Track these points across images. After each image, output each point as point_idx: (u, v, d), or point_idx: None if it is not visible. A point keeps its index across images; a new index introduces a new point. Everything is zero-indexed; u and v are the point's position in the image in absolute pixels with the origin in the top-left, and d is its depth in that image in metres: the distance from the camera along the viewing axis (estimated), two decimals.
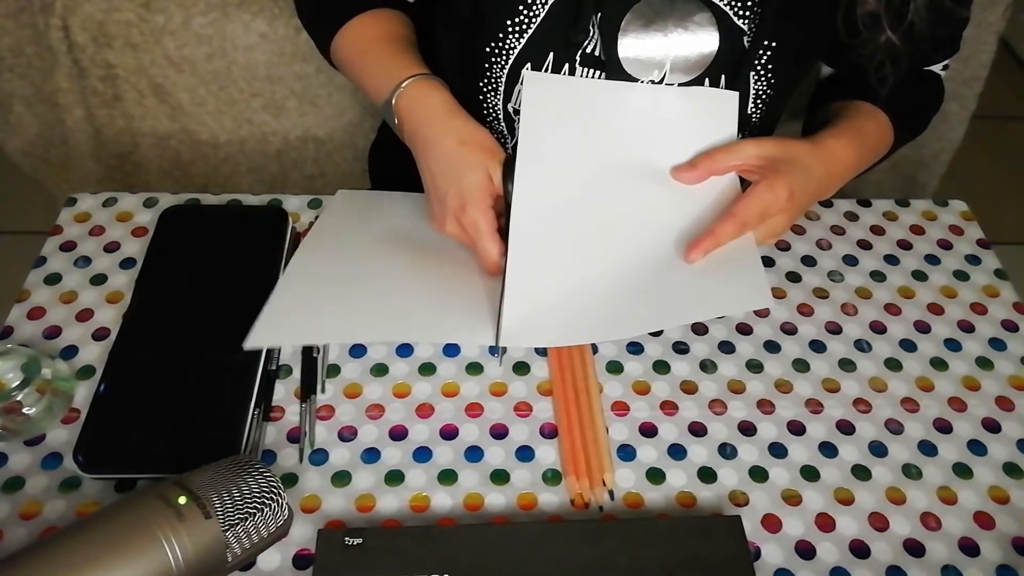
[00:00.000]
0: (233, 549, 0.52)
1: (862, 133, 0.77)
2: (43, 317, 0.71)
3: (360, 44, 0.80)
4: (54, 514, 0.59)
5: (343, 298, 0.69)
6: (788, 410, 0.67)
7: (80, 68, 1.20)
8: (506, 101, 0.78)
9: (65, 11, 1.15)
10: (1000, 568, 0.59)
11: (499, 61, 0.75)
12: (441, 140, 0.71)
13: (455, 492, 0.62)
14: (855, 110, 0.79)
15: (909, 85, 0.79)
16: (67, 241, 0.77)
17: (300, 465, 0.63)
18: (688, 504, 0.62)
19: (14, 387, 0.61)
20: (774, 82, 0.76)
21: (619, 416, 0.67)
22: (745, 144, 0.72)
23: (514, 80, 0.76)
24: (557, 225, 0.70)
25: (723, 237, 0.68)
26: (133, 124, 1.26)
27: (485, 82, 0.77)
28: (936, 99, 0.87)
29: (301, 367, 0.68)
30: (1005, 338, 0.73)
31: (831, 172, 0.74)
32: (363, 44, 0.80)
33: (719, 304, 0.68)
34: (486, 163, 0.69)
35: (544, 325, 0.66)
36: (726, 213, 0.69)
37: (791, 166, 0.70)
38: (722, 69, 0.75)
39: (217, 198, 0.82)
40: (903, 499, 0.62)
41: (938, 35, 0.75)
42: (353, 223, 0.77)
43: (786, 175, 0.69)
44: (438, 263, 0.73)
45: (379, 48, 0.78)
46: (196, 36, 1.17)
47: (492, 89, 0.77)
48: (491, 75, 0.76)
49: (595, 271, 0.69)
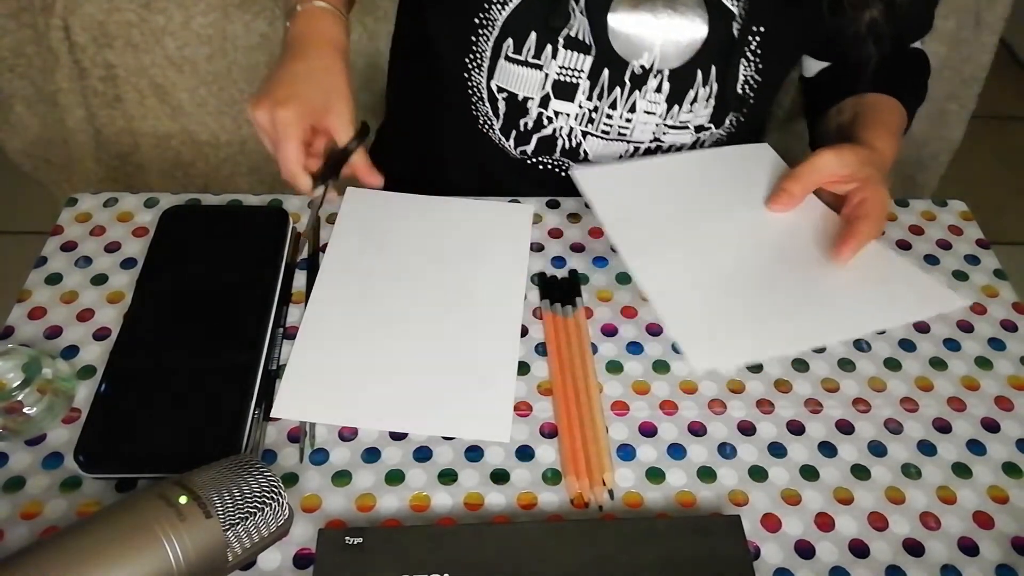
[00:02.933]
0: (234, 548, 0.52)
1: (889, 125, 0.80)
2: (44, 317, 0.71)
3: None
4: (55, 514, 0.59)
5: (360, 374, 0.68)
6: (787, 410, 0.68)
7: (81, 68, 1.20)
8: (489, 78, 0.78)
9: (66, 11, 1.15)
10: (999, 567, 0.59)
11: (484, 33, 0.76)
12: (321, 56, 0.72)
13: (455, 492, 0.62)
14: (868, 105, 0.81)
15: (900, 63, 0.84)
16: (68, 241, 0.77)
17: (300, 465, 0.63)
18: (688, 504, 0.62)
19: (15, 387, 0.61)
20: (763, 68, 0.77)
21: (619, 416, 0.67)
22: (824, 155, 0.72)
23: (497, 55, 0.77)
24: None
25: (865, 237, 0.70)
26: (134, 124, 1.27)
27: (471, 58, 0.78)
28: (927, 66, 0.90)
29: None
30: (1004, 338, 0.73)
31: (884, 172, 0.76)
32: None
33: (907, 310, 0.70)
34: (337, 102, 0.71)
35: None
36: (859, 216, 0.70)
37: (872, 169, 0.72)
38: (712, 59, 0.76)
39: (218, 198, 0.82)
40: (902, 499, 0.63)
41: (915, 12, 0.80)
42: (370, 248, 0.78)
43: (875, 177, 0.72)
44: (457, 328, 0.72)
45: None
46: (197, 36, 1.17)
47: (477, 66, 0.78)
48: (476, 49, 0.77)
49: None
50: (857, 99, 0.83)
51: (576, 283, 0.76)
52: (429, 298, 0.73)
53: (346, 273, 0.75)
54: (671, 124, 0.80)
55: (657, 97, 0.78)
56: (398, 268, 0.76)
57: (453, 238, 0.78)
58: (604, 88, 0.77)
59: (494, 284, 0.75)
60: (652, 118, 0.79)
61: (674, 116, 0.79)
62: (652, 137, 0.81)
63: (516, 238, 0.79)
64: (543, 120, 0.80)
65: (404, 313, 0.72)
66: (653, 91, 0.77)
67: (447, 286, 0.74)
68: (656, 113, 0.79)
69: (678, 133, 0.81)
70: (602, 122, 0.80)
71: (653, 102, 0.78)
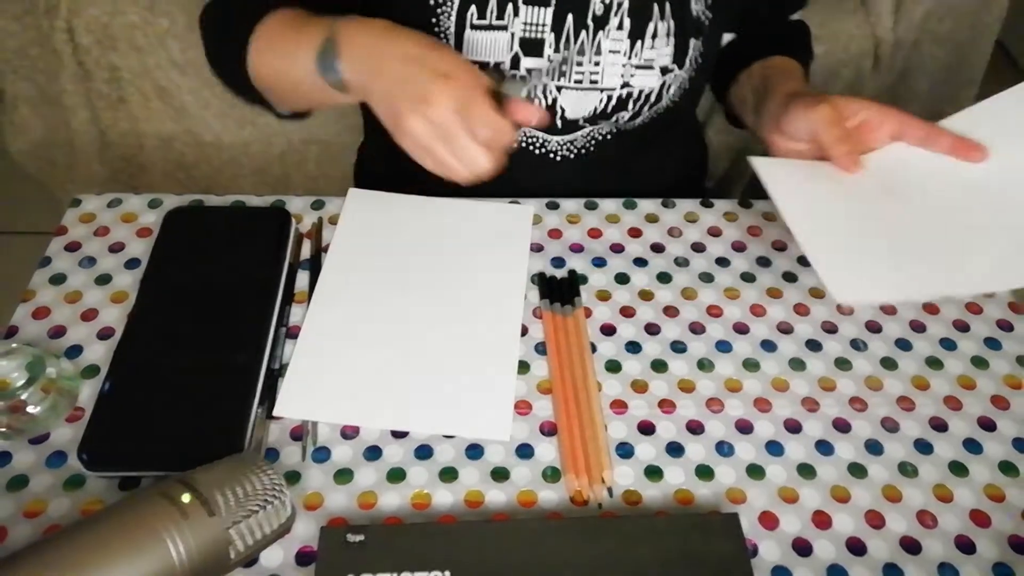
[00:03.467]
0: (236, 546, 0.53)
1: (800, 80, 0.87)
2: (48, 317, 0.72)
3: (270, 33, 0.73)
4: (58, 512, 0.60)
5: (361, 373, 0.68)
6: (785, 408, 0.68)
7: (85, 70, 1.20)
8: (459, 29, 0.77)
9: (70, 14, 1.16)
10: (996, 566, 0.60)
11: (445, 11, 0.76)
12: (402, 44, 0.64)
13: (456, 489, 0.62)
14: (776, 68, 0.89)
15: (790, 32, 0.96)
16: (72, 241, 0.78)
17: (303, 463, 0.63)
18: (686, 501, 0.62)
19: (19, 386, 0.61)
20: (712, 4, 0.82)
21: (618, 414, 0.67)
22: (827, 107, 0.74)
23: (462, 27, 0.77)
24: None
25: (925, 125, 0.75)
26: (138, 126, 1.27)
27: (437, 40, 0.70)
28: (809, 31, 0.98)
29: None
30: (1000, 337, 0.74)
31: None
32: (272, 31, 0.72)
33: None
34: (462, 63, 0.64)
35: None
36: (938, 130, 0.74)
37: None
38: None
39: (221, 199, 0.82)
40: (899, 497, 0.63)
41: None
42: (372, 248, 0.78)
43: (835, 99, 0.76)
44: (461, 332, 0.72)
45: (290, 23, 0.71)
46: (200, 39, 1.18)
47: (446, 12, 0.77)
48: (439, 30, 0.77)
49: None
50: (762, 63, 0.90)
51: (576, 283, 0.76)
52: (430, 297, 0.74)
53: (348, 273, 0.76)
54: (637, 64, 0.81)
55: (620, 35, 0.79)
56: (400, 268, 0.76)
57: (454, 238, 0.79)
58: (570, 34, 0.79)
59: (494, 284, 0.75)
60: (618, 58, 0.80)
61: (638, 54, 0.80)
62: (622, 82, 0.82)
63: (516, 238, 0.80)
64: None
65: (405, 312, 0.73)
66: (615, 29, 0.79)
67: (448, 286, 0.75)
68: (621, 51, 0.80)
69: (645, 75, 0.82)
70: (573, 71, 0.80)
71: (617, 39, 0.79)
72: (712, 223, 0.83)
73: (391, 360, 0.69)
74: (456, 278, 0.76)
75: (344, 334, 0.71)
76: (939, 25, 1.18)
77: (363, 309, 0.73)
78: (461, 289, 0.75)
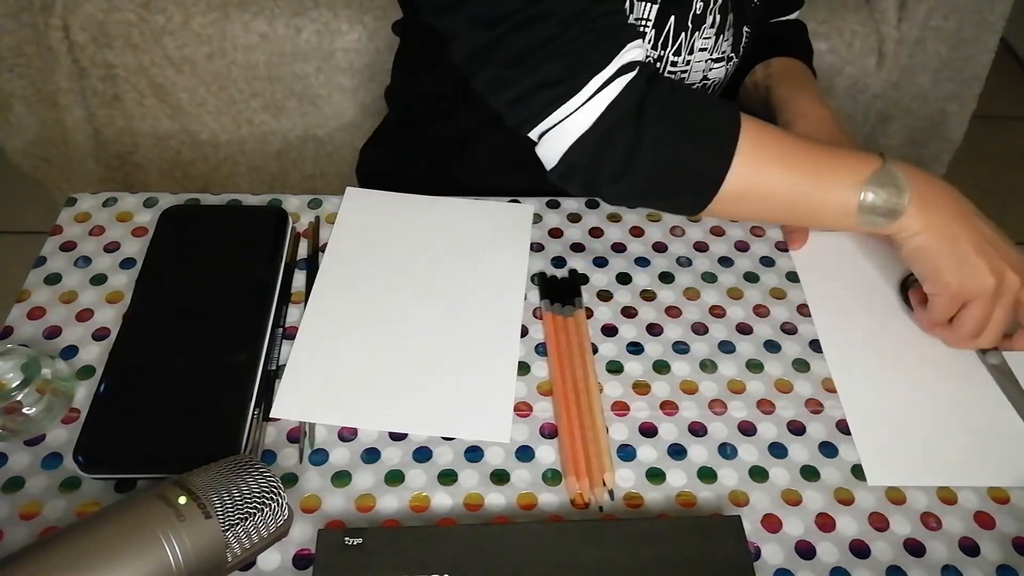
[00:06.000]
0: (233, 549, 0.52)
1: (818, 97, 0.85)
2: (43, 317, 0.71)
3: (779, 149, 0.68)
4: (54, 514, 0.59)
5: (359, 374, 0.68)
6: (788, 410, 0.67)
7: (80, 68, 1.20)
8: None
9: (65, 11, 1.15)
10: (1000, 568, 0.59)
11: None
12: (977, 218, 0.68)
13: (455, 492, 0.62)
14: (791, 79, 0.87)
15: (788, 31, 0.95)
16: (67, 241, 0.77)
17: (300, 465, 0.63)
18: (688, 504, 0.62)
19: (14, 387, 0.61)
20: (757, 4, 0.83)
21: (619, 416, 0.67)
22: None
23: None
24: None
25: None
26: (133, 124, 1.27)
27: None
28: (804, 26, 0.99)
29: None
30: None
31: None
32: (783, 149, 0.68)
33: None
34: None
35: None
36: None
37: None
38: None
39: (217, 198, 0.82)
40: (903, 499, 0.62)
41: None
42: (370, 248, 0.77)
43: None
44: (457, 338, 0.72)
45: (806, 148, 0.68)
46: (196, 36, 1.17)
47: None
48: None
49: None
50: (764, 68, 0.90)
51: (576, 283, 0.76)
52: (429, 298, 0.73)
53: (346, 273, 0.75)
54: (715, 57, 0.82)
55: (710, 32, 0.80)
56: (398, 268, 0.76)
57: (453, 238, 0.78)
58: (669, 35, 0.78)
59: (494, 284, 0.75)
60: (704, 55, 0.81)
61: (719, 48, 0.81)
62: (701, 76, 0.83)
63: (516, 238, 0.79)
64: None
65: (404, 313, 0.72)
66: (708, 27, 0.79)
67: (447, 286, 0.74)
68: (707, 49, 0.81)
69: (719, 67, 0.83)
70: (667, 70, 0.81)
71: (706, 37, 0.80)
72: (715, 222, 0.82)
73: (389, 361, 0.69)
74: (455, 278, 0.75)
75: (342, 335, 0.70)
76: (943, 22, 1.18)
77: (361, 309, 0.72)
78: (460, 289, 0.74)
